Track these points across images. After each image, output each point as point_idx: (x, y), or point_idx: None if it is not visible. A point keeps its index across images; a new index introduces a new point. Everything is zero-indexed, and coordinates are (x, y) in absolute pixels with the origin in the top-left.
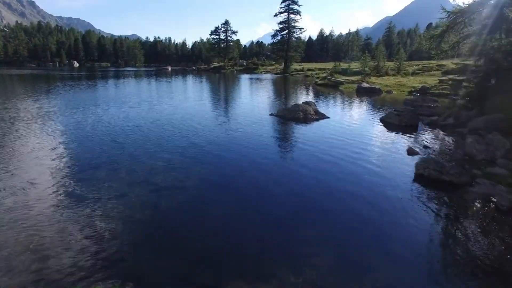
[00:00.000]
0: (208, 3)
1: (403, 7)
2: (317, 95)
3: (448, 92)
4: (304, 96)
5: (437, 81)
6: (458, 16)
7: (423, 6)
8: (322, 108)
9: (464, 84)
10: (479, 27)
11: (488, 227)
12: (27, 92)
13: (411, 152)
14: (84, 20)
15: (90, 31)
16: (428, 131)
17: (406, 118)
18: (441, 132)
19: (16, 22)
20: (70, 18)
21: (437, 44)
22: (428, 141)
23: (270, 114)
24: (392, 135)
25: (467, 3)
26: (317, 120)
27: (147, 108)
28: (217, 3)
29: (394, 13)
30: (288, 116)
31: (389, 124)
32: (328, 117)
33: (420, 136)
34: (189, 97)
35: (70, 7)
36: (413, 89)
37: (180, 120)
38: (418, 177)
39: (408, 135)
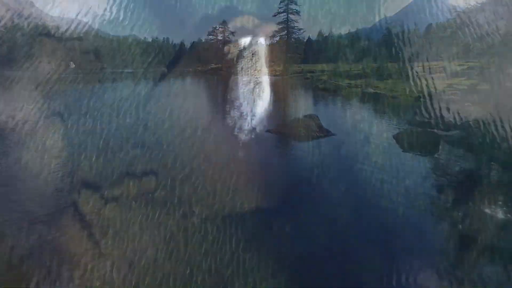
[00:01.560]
0: (207, 3)
1: (402, 7)
2: (318, 102)
3: (459, 98)
4: (304, 104)
5: (445, 85)
6: (469, 17)
7: (422, 6)
8: (325, 120)
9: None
10: (493, 28)
11: None
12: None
13: (443, 192)
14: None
15: (87, 31)
16: (452, 153)
17: (424, 136)
18: (468, 154)
19: (13, 22)
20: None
21: (447, 46)
22: (457, 170)
23: (267, 131)
24: (413, 160)
25: (480, 2)
26: (321, 137)
27: (130, 125)
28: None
29: (393, 13)
30: (288, 133)
31: (406, 143)
32: (333, 134)
33: (446, 162)
34: (181, 107)
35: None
36: (420, 95)
37: (161, 143)
38: (465, 239)
39: (430, 159)
